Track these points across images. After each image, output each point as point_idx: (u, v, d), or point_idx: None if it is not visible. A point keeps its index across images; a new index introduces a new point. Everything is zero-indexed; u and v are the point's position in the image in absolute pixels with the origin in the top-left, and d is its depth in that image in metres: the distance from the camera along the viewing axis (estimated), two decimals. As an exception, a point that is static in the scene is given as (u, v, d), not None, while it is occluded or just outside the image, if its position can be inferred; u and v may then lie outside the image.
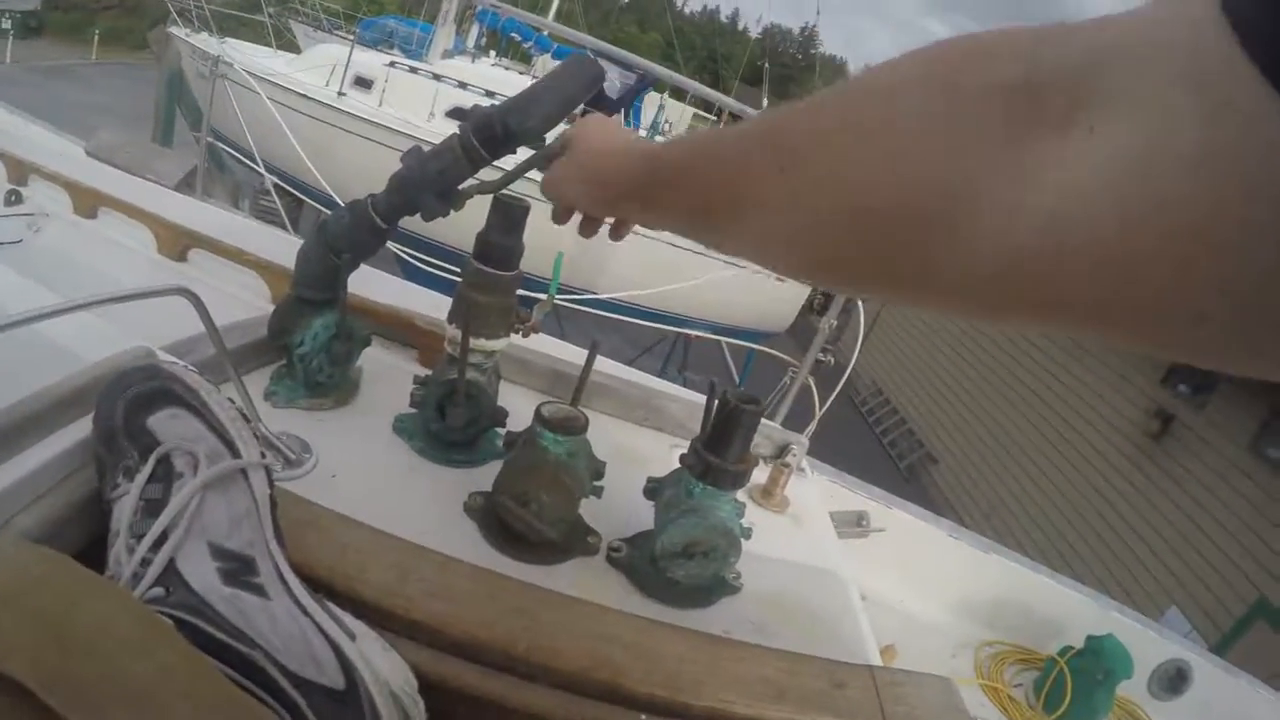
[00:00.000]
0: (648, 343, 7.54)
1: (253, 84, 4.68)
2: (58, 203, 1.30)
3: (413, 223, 0.78)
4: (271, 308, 0.85)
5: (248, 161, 4.77)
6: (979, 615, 1.68)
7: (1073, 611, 1.59)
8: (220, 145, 5.43)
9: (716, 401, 0.69)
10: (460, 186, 0.76)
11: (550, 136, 0.73)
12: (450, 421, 0.78)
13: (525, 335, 0.81)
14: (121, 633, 0.37)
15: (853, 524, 1.58)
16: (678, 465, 0.74)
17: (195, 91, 6.35)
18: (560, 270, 0.85)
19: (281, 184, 4.72)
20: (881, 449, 9.78)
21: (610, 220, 0.67)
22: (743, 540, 0.71)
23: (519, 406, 0.84)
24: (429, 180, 0.74)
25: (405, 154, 0.76)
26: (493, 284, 0.76)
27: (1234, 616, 5.65)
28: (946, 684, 0.66)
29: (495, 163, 0.73)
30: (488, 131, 0.72)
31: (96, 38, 15.62)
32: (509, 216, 0.76)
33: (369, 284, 1.05)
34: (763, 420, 0.94)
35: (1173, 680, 1.53)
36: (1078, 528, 7.17)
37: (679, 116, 13.18)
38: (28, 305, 0.53)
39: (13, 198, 1.30)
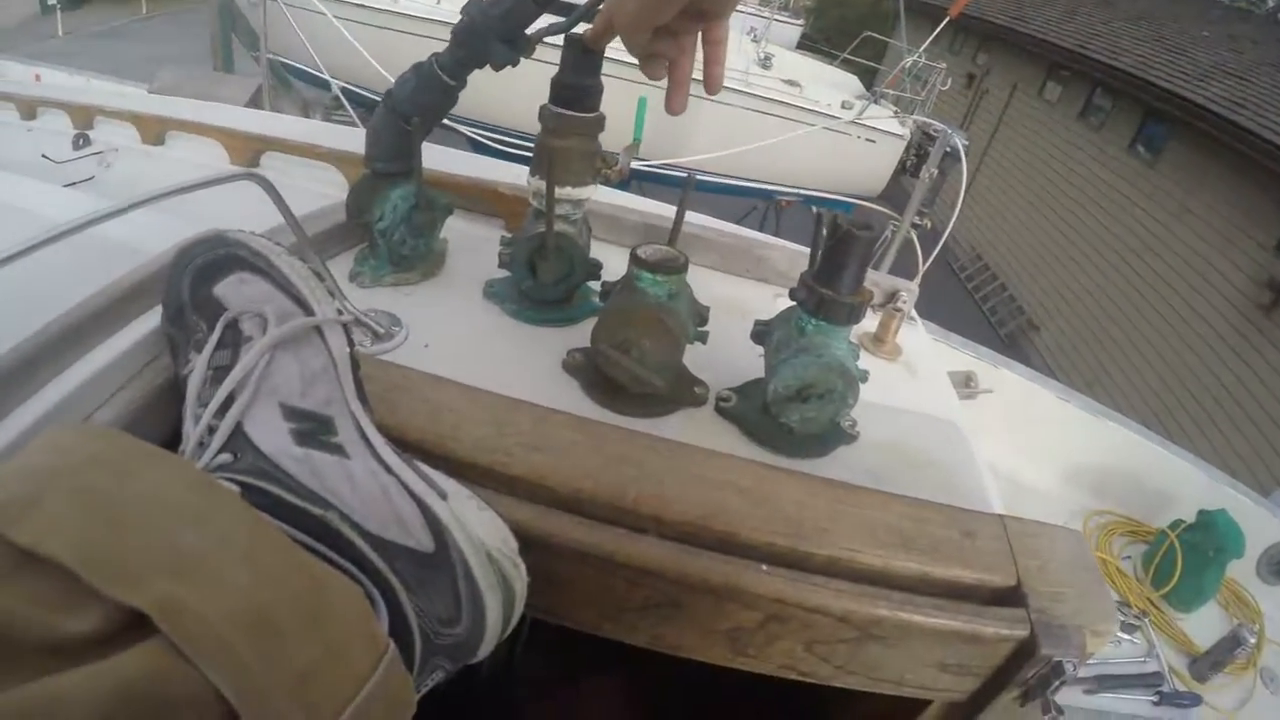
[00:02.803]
0: (737, 216, 7.39)
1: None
2: (125, 136, 1.31)
3: (479, 108, 0.74)
4: (350, 197, 0.83)
5: (312, 72, 4.75)
6: (1088, 484, 1.64)
7: (1184, 483, 1.56)
8: (282, 60, 5.41)
9: (825, 230, 0.64)
10: (528, 31, 0.70)
11: None
12: (542, 277, 0.75)
13: (613, 181, 0.77)
14: (174, 502, 0.34)
15: (960, 385, 1.53)
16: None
17: (250, 19, 6.32)
18: (644, 114, 0.79)
19: (352, 88, 4.69)
20: (981, 315, 9.53)
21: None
22: (860, 383, 0.66)
23: (613, 263, 0.80)
24: (493, 26, 0.70)
25: (466, 5, 0.71)
26: (574, 127, 0.71)
27: (1347, 498, 5.37)
28: (1078, 538, 0.62)
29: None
30: None
31: (145, -8, 15.52)
32: (584, 54, 0.70)
33: (447, 161, 1.02)
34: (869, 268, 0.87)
35: (1283, 565, 1.46)
36: (1182, 400, 6.93)
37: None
38: None
39: (80, 141, 1.32)
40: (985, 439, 1.54)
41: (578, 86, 0.71)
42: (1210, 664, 1.28)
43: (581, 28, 0.71)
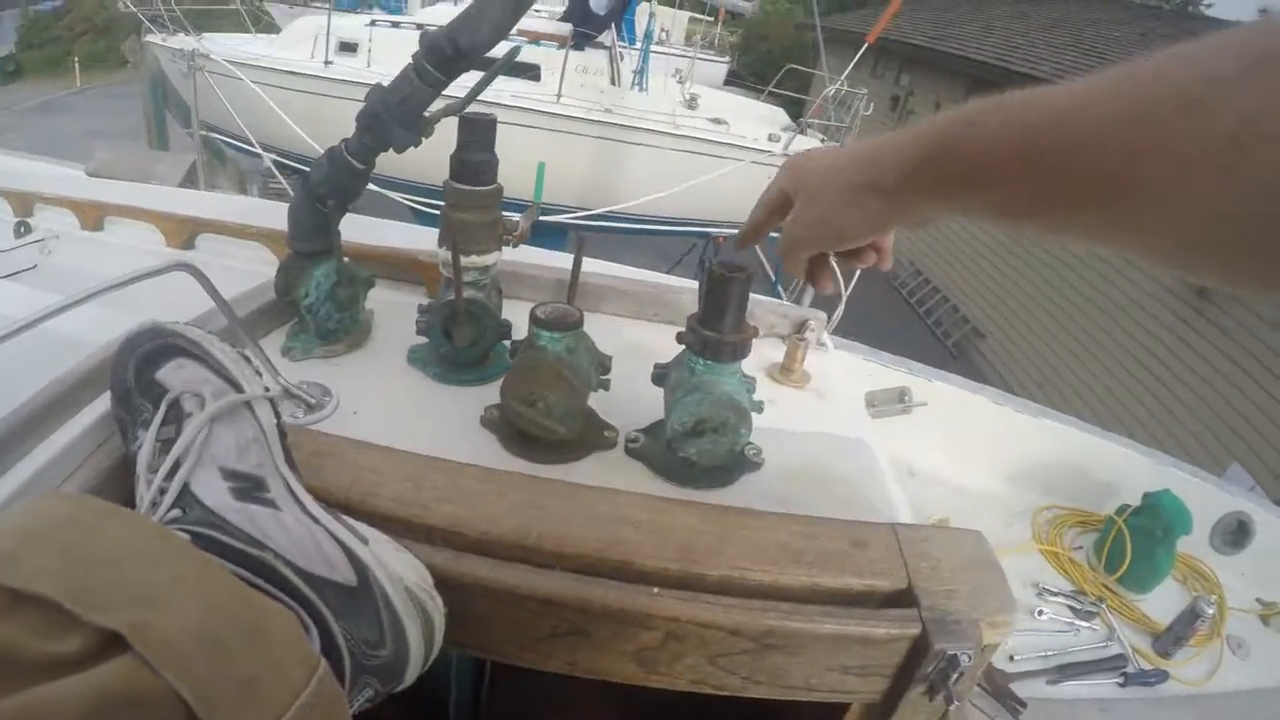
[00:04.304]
0: (677, 256, 7.46)
1: (234, 70, 4.63)
2: (65, 223, 1.34)
3: (420, 171, 0.79)
4: (282, 273, 0.87)
5: (245, 146, 4.77)
6: (1033, 481, 1.65)
7: (1128, 470, 1.57)
8: (216, 136, 5.42)
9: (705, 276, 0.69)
10: (425, 113, 0.76)
11: (501, 50, 0.73)
12: (456, 341, 0.80)
13: (515, 245, 0.82)
14: (137, 549, 0.41)
15: (895, 400, 1.57)
16: None
17: (182, 92, 6.33)
18: (544, 178, 0.85)
19: (285, 161, 4.71)
20: (926, 329, 9.65)
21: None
22: (754, 413, 0.71)
23: (527, 321, 0.85)
24: (393, 112, 0.75)
25: (368, 92, 0.77)
26: (474, 200, 0.77)
27: (1297, 468, 5.51)
28: (976, 537, 0.66)
29: (454, 82, 0.74)
30: (439, 54, 0.72)
31: (77, 65, 15.34)
32: (477, 132, 0.76)
33: (372, 232, 1.07)
34: (780, 301, 0.92)
35: (1234, 534, 1.51)
36: (1134, 391, 7.03)
37: (672, 22, 12.16)
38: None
39: (21, 229, 1.34)
40: (927, 450, 1.58)
41: (473, 163, 0.76)
42: (1173, 639, 1.29)
43: (476, 106, 0.77)
